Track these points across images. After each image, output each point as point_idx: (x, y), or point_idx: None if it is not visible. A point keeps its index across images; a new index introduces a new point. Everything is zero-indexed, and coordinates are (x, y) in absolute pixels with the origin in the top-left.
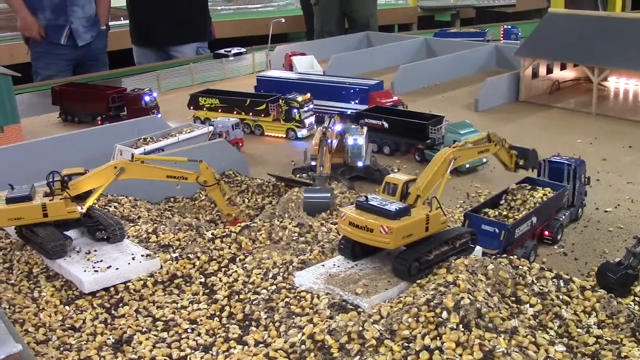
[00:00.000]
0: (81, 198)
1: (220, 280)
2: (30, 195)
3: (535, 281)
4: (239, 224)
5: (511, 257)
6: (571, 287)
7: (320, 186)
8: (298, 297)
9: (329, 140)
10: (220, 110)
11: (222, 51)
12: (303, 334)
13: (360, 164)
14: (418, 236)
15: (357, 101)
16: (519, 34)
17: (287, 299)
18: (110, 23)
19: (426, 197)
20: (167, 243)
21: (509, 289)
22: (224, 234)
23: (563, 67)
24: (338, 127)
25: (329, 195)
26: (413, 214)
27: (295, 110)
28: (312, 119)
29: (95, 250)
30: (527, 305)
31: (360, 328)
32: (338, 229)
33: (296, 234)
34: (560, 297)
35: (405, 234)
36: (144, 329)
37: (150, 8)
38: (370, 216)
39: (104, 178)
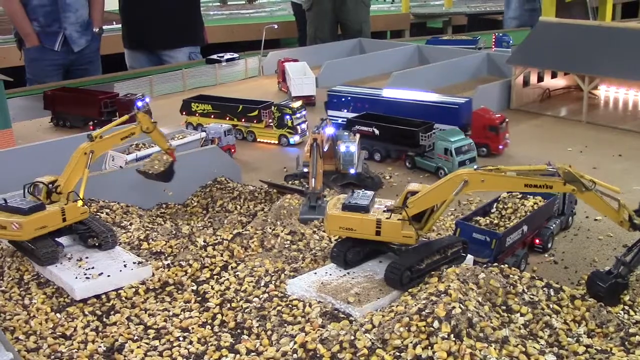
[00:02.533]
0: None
1: (212, 288)
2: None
3: (526, 290)
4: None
5: (502, 265)
6: (561, 296)
7: (315, 203)
8: (290, 305)
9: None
10: (212, 116)
11: (214, 56)
12: (295, 342)
13: (352, 171)
14: (361, 234)
15: (448, 122)
16: (511, 41)
17: (279, 307)
18: (104, 27)
19: (420, 210)
20: (159, 250)
21: (499, 298)
22: (216, 241)
23: (554, 76)
24: (329, 130)
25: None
26: (372, 215)
27: (288, 117)
28: (305, 125)
29: (86, 257)
30: (518, 315)
31: (352, 337)
32: None
33: (288, 242)
34: (551, 306)
35: (343, 226)
36: (136, 337)
37: (143, 10)
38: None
39: (80, 166)
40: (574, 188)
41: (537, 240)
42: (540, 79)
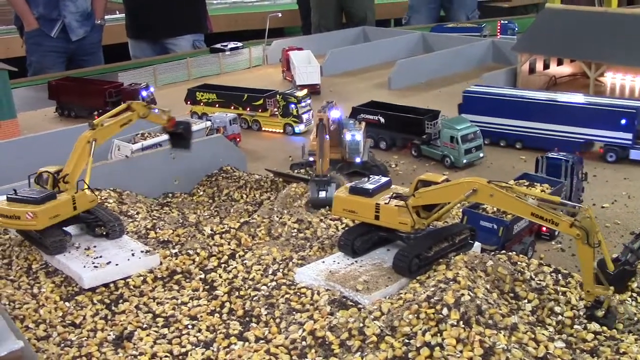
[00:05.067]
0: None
1: (220, 277)
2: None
3: (534, 277)
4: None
5: (510, 253)
6: (569, 281)
7: (323, 188)
8: (298, 293)
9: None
10: (217, 106)
11: (218, 46)
12: (304, 330)
13: (358, 159)
14: (361, 217)
15: (620, 128)
16: (516, 29)
17: (287, 295)
18: (105, 17)
19: (425, 203)
20: (166, 239)
21: (507, 285)
22: (223, 230)
23: (560, 63)
24: (334, 113)
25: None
26: (373, 199)
27: (293, 106)
28: (310, 114)
29: (94, 246)
30: (525, 301)
31: (361, 324)
32: None
33: (295, 230)
34: (559, 291)
35: (347, 208)
36: (145, 325)
37: None
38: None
39: (85, 155)
40: (578, 233)
41: (544, 228)
42: (546, 66)
